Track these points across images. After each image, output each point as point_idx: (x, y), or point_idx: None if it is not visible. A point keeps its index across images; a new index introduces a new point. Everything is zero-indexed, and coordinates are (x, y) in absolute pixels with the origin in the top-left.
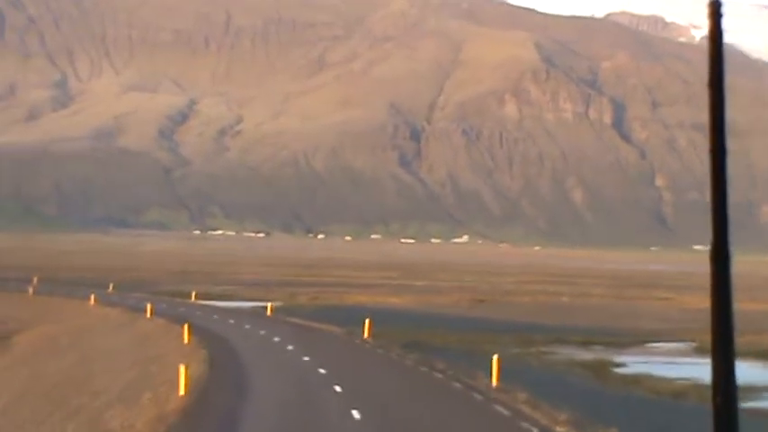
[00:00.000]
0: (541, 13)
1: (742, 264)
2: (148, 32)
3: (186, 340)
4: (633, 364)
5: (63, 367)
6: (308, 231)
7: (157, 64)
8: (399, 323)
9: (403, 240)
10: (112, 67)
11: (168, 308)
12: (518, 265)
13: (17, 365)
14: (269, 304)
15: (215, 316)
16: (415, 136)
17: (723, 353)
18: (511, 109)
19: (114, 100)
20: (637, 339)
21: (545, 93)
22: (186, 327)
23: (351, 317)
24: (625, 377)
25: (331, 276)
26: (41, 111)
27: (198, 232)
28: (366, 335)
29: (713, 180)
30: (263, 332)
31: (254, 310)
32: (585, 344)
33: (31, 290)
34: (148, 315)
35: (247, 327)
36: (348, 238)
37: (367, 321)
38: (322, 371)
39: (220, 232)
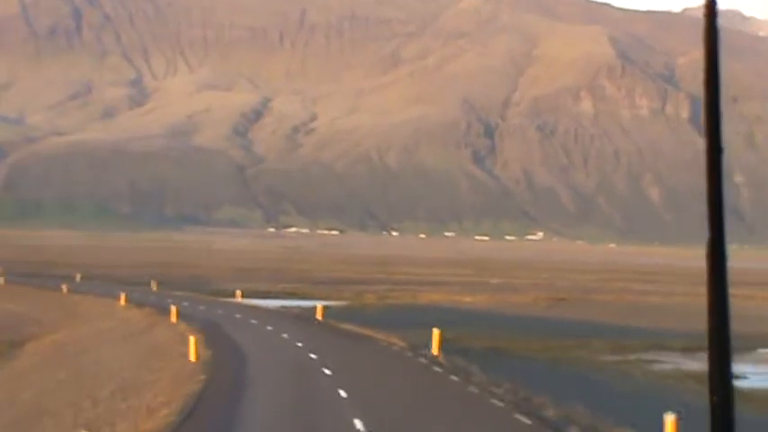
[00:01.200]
0: (617, 8)
1: None
2: (223, 30)
3: (193, 357)
4: (755, 375)
5: (43, 389)
6: (383, 228)
7: (232, 62)
8: (474, 327)
9: (477, 237)
10: (187, 66)
11: (204, 309)
12: (596, 262)
13: (2, 385)
14: (318, 305)
15: (253, 320)
16: (489, 132)
17: (719, 351)
18: (586, 105)
19: (189, 98)
20: (746, 345)
21: (620, 89)
22: (197, 339)
23: (418, 320)
24: (756, 395)
25: (403, 274)
26: (117, 109)
27: (272, 230)
28: (435, 351)
29: (709, 176)
30: (299, 344)
31: (301, 313)
32: (688, 350)
33: (65, 288)
34: (173, 319)
35: (284, 336)
36: (422, 235)
37: (436, 334)
38: (361, 426)
39: (294, 230)
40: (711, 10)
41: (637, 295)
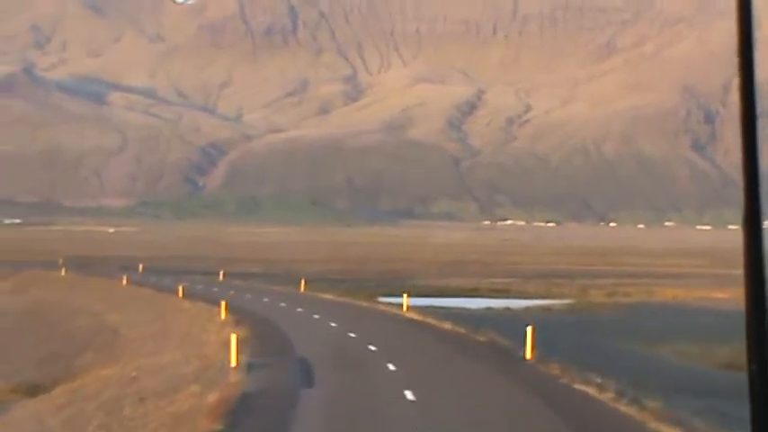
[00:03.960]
0: None
1: None
2: (436, 24)
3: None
4: None
5: None
6: (600, 219)
7: (445, 55)
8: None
9: (699, 227)
10: (401, 60)
11: (348, 322)
12: None
13: None
14: (529, 326)
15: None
16: (710, 119)
17: (757, 321)
18: None
19: (403, 92)
20: None
21: None
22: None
23: (668, 327)
24: None
25: (627, 265)
26: (332, 105)
27: (487, 222)
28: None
29: (744, 147)
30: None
31: (509, 323)
32: None
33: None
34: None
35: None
36: (641, 225)
37: None
38: None
39: (509, 222)
40: None
41: None
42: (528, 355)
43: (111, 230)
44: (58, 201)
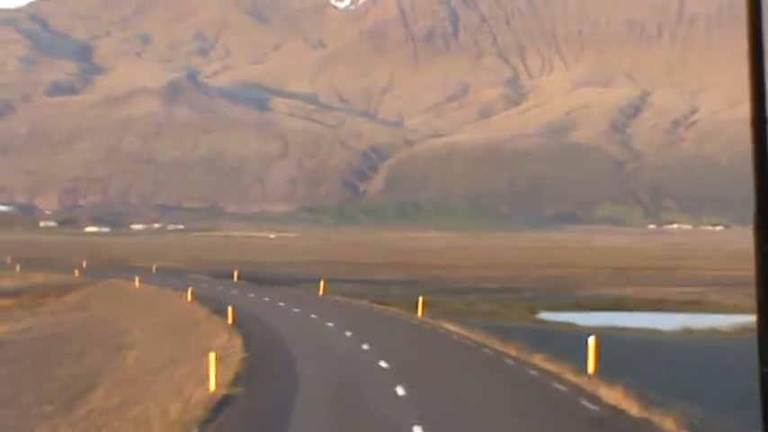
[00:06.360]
0: None
1: None
2: (599, 25)
3: None
4: None
5: None
6: None
7: (609, 57)
8: None
9: None
10: (563, 63)
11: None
12: None
13: None
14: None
15: None
16: None
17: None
18: None
19: (565, 95)
20: None
21: None
22: None
23: None
24: None
25: None
26: (493, 109)
27: (652, 226)
28: None
29: (755, 153)
30: None
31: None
32: None
33: (189, 297)
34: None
35: None
36: None
37: None
38: None
39: (676, 226)
40: None
41: None
42: None
43: (272, 236)
44: (221, 206)
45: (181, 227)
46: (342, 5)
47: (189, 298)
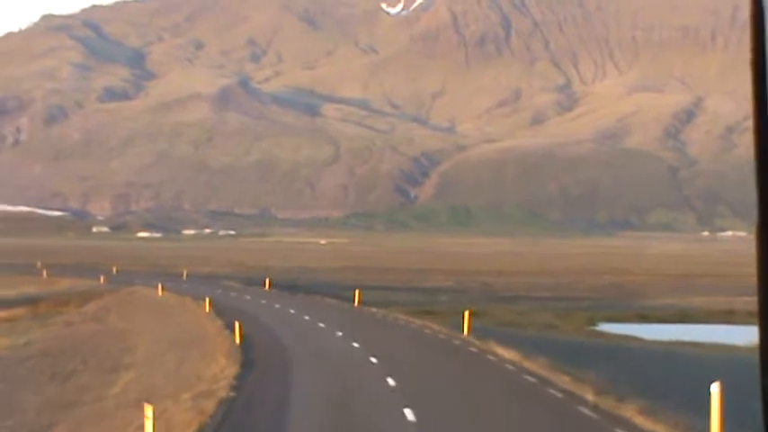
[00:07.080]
0: None
1: None
2: (653, 31)
3: None
4: None
5: None
6: None
7: (662, 63)
8: None
9: None
10: (616, 68)
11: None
12: None
13: None
14: None
15: None
16: None
17: None
18: None
19: (618, 101)
20: None
21: None
22: None
23: None
24: None
25: None
26: (546, 115)
27: (705, 233)
28: None
29: (758, 157)
30: None
31: None
32: None
33: (207, 308)
34: None
35: None
36: None
37: None
38: None
39: (730, 233)
40: None
41: None
42: None
43: (323, 242)
44: (272, 212)
45: (232, 232)
46: (393, 11)
47: (207, 309)
